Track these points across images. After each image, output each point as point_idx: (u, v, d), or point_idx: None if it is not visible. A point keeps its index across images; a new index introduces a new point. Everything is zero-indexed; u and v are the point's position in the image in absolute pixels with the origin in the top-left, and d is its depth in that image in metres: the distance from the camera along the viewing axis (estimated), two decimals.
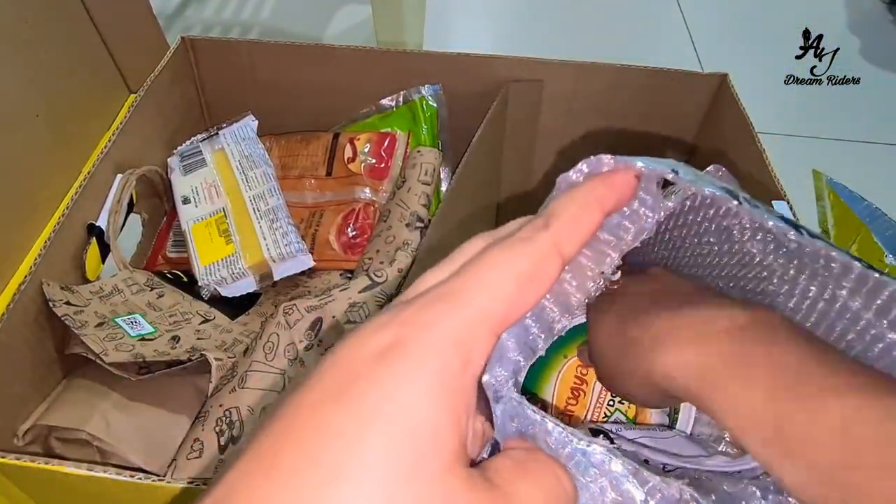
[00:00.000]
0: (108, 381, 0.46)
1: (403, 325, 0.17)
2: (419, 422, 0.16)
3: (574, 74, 0.61)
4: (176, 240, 0.60)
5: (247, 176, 0.58)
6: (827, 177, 0.94)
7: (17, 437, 0.45)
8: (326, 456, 0.15)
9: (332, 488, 0.15)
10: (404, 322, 0.17)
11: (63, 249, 0.49)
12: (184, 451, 0.42)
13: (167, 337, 0.48)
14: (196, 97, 0.66)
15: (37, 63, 0.50)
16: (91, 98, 0.56)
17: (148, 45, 0.61)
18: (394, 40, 0.94)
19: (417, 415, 0.16)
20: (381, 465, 0.15)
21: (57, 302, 0.45)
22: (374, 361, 0.16)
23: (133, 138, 0.56)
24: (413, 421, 0.16)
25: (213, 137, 0.62)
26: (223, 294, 0.53)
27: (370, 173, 0.61)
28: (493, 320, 0.17)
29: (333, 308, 0.47)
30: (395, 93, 0.64)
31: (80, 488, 0.38)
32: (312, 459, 0.15)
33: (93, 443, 0.44)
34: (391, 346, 0.16)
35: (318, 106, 0.65)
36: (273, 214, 0.55)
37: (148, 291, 0.53)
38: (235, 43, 0.64)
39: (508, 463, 0.19)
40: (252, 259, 0.53)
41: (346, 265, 0.57)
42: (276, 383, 0.44)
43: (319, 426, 0.16)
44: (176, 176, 0.60)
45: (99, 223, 0.52)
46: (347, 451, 0.15)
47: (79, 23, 0.54)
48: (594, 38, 1.17)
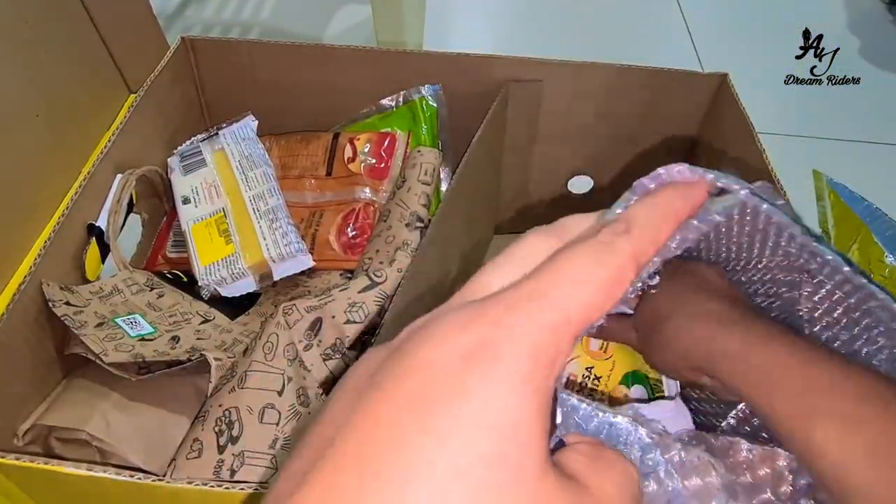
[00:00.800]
0: (107, 382, 0.46)
1: (491, 325, 0.16)
2: (514, 426, 0.15)
3: (574, 74, 0.61)
4: (176, 240, 0.60)
5: (247, 176, 0.58)
6: (827, 177, 0.93)
7: (17, 437, 0.45)
8: (423, 462, 0.15)
9: (435, 496, 0.14)
10: (491, 322, 0.16)
11: (63, 249, 0.49)
12: (183, 450, 0.42)
13: (167, 337, 0.48)
14: (196, 97, 0.66)
15: (37, 63, 0.50)
16: (91, 98, 0.55)
17: (148, 46, 0.61)
18: (394, 40, 0.94)
19: (511, 418, 0.15)
20: (480, 469, 0.15)
21: (57, 302, 0.45)
22: (461, 363, 0.16)
23: (133, 138, 0.56)
24: (508, 425, 0.15)
25: (213, 137, 0.62)
26: (223, 294, 0.53)
27: (370, 173, 0.61)
28: (576, 326, 0.17)
29: (333, 308, 0.47)
30: (395, 93, 0.64)
31: (79, 488, 0.38)
32: (410, 466, 0.15)
33: (92, 443, 0.44)
34: (479, 348, 0.16)
35: (318, 106, 0.65)
36: (273, 214, 0.55)
37: (148, 291, 0.53)
38: (235, 43, 0.64)
39: (581, 458, 0.18)
40: (252, 259, 0.53)
41: (345, 265, 0.57)
42: (276, 383, 0.44)
43: (407, 432, 0.15)
44: (176, 176, 0.60)
45: (99, 223, 0.52)
46: (444, 456, 0.15)
47: (79, 23, 0.54)
48: (594, 38, 1.17)
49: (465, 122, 0.61)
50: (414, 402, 0.15)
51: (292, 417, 0.43)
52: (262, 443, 0.41)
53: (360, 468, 0.15)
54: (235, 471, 0.40)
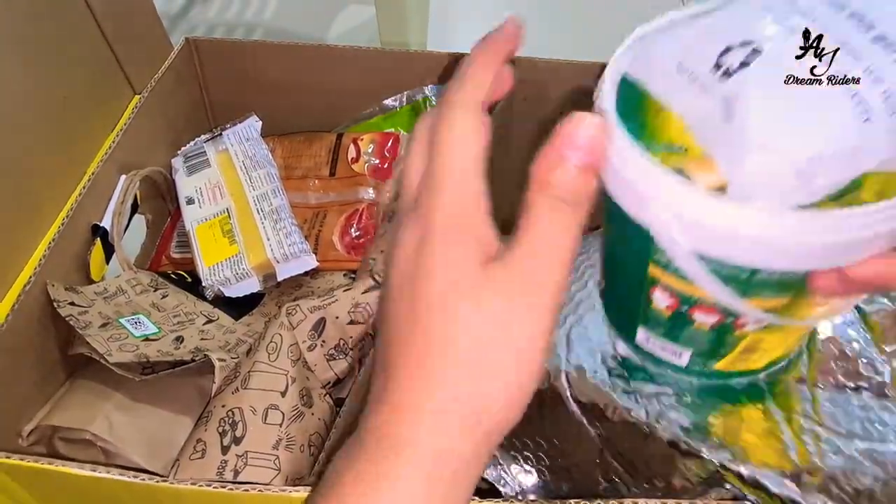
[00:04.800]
0: (111, 382, 0.46)
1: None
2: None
3: (578, 74, 0.61)
4: (180, 240, 0.61)
5: (250, 176, 0.58)
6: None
7: (22, 438, 0.45)
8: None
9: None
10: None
11: (67, 250, 0.49)
12: (186, 451, 0.42)
13: (171, 337, 0.48)
14: (200, 98, 0.66)
15: (41, 64, 0.50)
16: (95, 99, 0.56)
17: (152, 46, 0.61)
18: (397, 40, 0.94)
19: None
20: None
21: (61, 302, 0.45)
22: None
23: (137, 139, 0.56)
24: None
25: (217, 138, 0.62)
26: (227, 294, 0.53)
27: (374, 173, 0.61)
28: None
29: (336, 308, 0.47)
30: (398, 93, 0.64)
31: (83, 488, 0.38)
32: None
33: (97, 443, 0.44)
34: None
35: (322, 106, 0.65)
36: (276, 215, 0.55)
37: (152, 292, 0.53)
38: (239, 44, 0.64)
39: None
40: (256, 259, 0.53)
41: (349, 265, 0.57)
42: (279, 384, 0.44)
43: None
44: (180, 177, 0.60)
45: (103, 224, 0.52)
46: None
47: (83, 24, 0.54)
48: (597, 38, 1.17)
49: None
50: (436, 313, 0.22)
51: (295, 418, 0.43)
52: (266, 443, 0.41)
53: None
54: (239, 471, 0.40)
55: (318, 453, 0.43)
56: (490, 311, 0.22)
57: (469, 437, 0.21)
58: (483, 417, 0.21)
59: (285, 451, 0.42)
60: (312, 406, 0.45)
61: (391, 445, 0.21)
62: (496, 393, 0.21)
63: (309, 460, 0.43)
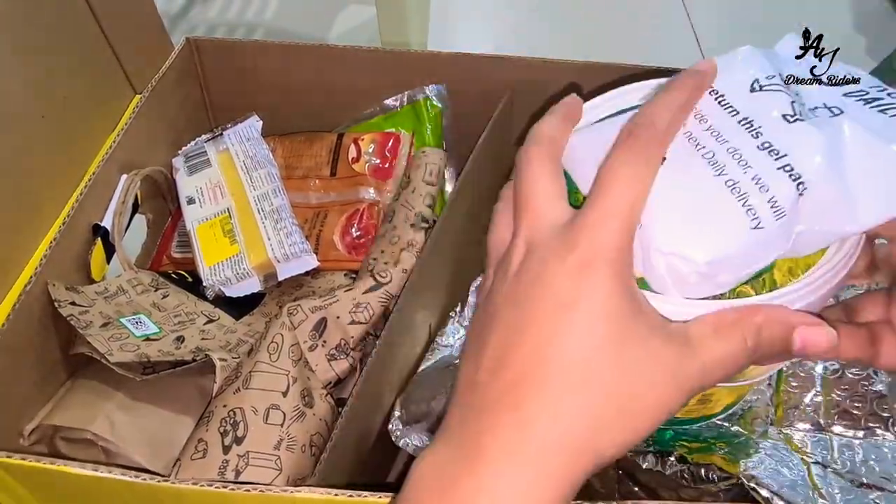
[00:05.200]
0: (112, 382, 0.46)
1: (584, 247, 0.23)
2: (613, 308, 0.23)
3: (579, 74, 0.61)
4: (180, 240, 0.61)
5: (251, 176, 0.58)
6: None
7: (23, 437, 0.45)
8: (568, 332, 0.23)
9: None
10: (584, 245, 0.23)
11: (68, 250, 0.49)
12: (188, 451, 0.42)
13: (172, 337, 0.48)
14: (200, 98, 0.66)
15: (41, 64, 0.50)
16: (96, 99, 0.56)
17: (153, 46, 0.61)
18: (398, 40, 0.94)
19: (611, 304, 0.23)
20: (602, 336, 0.22)
21: (62, 302, 0.45)
22: (574, 279, 0.23)
23: (138, 139, 0.56)
24: (610, 308, 0.23)
25: (218, 138, 0.62)
26: (228, 294, 0.53)
27: (374, 173, 0.61)
28: (635, 215, 0.24)
29: (338, 308, 0.47)
30: (399, 93, 0.64)
31: (84, 488, 0.38)
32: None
33: (98, 443, 0.44)
34: (581, 266, 0.23)
35: (323, 106, 0.65)
36: (277, 215, 0.55)
37: (153, 292, 0.53)
38: (240, 44, 0.64)
39: (705, 326, 0.24)
40: (256, 259, 0.53)
41: (350, 265, 0.57)
42: (281, 384, 0.44)
43: (553, 326, 0.23)
44: (180, 176, 0.60)
45: (104, 224, 0.52)
46: (579, 331, 0.22)
47: (83, 24, 0.54)
48: (599, 38, 1.17)
49: (469, 122, 0.61)
50: (551, 309, 0.23)
51: (297, 418, 0.43)
52: (267, 443, 0.41)
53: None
54: (240, 471, 0.40)
55: (320, 454, 0.43)
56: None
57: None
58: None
59: (287, 451, 0.42)
60: (314, 406, 0.45)
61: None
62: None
63: (310, 461, 0.43)
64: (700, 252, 0.24)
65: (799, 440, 0.41)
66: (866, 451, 0.41)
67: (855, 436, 0.41)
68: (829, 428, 0.42)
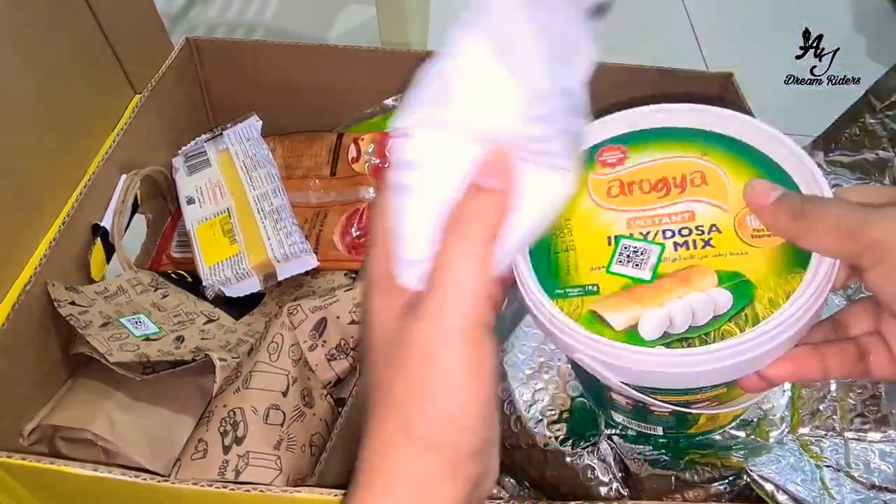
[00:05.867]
0: (112, 382, 0.46)
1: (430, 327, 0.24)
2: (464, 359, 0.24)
3: None
4: (180, 240, 0.60)
5: (251, 176, 0.58)
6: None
7: (23, 437, 0.45)
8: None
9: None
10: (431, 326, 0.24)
11: (68, 250, 0.49)
12: (188, 451, 0.42)
13: (172, 337, 0.48)
14: (200, 98, 0.66)
15: (42, 64, 0.50)
16: (96, 99, 0.56)
17: (152, 46, 0.61)
18: (397, 40, 0.94)
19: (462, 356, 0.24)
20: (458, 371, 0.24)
21: (62, 302, 0.45)
22: (430, 346, 0.24)
23: (138, 139, 0.56)
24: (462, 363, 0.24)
25: (218, 138, 0.62)
26: (227, 294, 0.53)
27: (374, 173, 0.60)
28: (482, 297, 0.24)
29: (338, 308, 0.47)
30: (399, 93, 0.64)
31: (84, 488, 0.38)
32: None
33: (97, 443, 0.44)
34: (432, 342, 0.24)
35: (322, 106, 0.65)
36: (277, 214, 0.55)
37: (152, 291, 0.53)
38: (240, 43, 0.64)
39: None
40: (256, 259, 0.53)
41: (350, 265, 0.57)
42: (281, 384, 0.44)
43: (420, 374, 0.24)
44: (180, 176, 0.60)
45: (104, 223, 0.52)
46: (441, 372, 0.24)
47: (84, 24, 0.54)
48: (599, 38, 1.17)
49: None
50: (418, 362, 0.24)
51: (297, 418, 0.43)
52: (267, 443, 0.41)
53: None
54: (240, 471, 0.40)
55: (320, 453, 0.43)
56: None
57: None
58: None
59: (287, 451, 0.42)
60: (314, 406, 0.45)
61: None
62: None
63: (310, 460, 0.43)
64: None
65: (814, 445, 0.41)
66: (880, 453, 0.41)
67: (870, 438, 0.41)
68: (844, 432, 0.42)
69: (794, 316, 0.27)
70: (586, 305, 0.29)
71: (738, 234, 0.29)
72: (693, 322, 0.28)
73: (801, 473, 0.40)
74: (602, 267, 0.30)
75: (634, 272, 0.30)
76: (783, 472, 0.39)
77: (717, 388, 0.32)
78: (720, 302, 0.28)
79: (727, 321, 0.28)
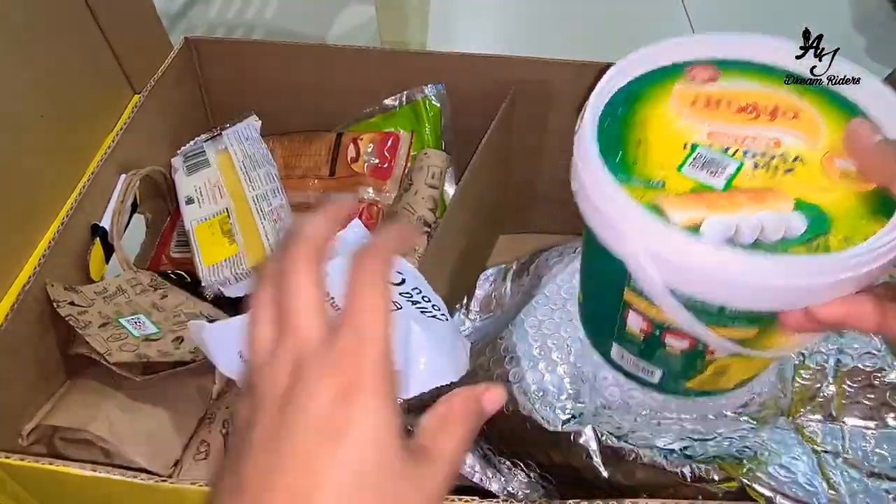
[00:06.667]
0: (112, 382, 0.46)
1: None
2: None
3: (580, 74, 0.60)
4: (179, 240, 0.60)
5: (250, 176, 0.58)
6: None
7: (22, 438, 0.45)
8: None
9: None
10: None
11: (67, 250, 0.49)
12: (191, 451, 0.42)
13: (171, 337, 0.48)
14: (200, 98, 0.66)
15: (41, 64, 0.50)
16: (95, 99, 0.56)
17: (152, 46, 0.61)
18: (397, 40, 0.94)
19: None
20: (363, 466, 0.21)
21: (61, 302, 0.45)
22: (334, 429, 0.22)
23: (137, 139, 0.56)
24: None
25: (217, 138, 0.62)
26: (227, 294, 0.53)
27: (373, 173, 0.60)
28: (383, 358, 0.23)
29: None
30: (398, 93, 0.64)
31: (83, 488, 0.38)
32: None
33: (97, 443, 0.44)
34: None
35: (322, 106, 0.65)
36: (276, 215, 0.55)
37: (152, 292, 0.53)
38: (239, 44, 0.64)
39: (431, 424, 0.24)
40: (255, 259, 0.53)
41: None
42: None
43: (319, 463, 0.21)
44: (179, 176, 0.60)
45: (103, 224, 0.52)
46: (340, 468, 0.21)
47: (83, 24, 0.54)
48: (599, 38, 1.17)
49: (469, 122, 0.61)
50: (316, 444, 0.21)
51: None
52: None
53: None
54: None
55: None
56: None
57: None
58: None
59: None
60: None
61: None
62: None
63: None
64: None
65: (811, 431, 0.41)
66: (878, 440, 0.40)
67: (867, 426, 0.41)
68: (841, 418, 0.41)
69: (868, 255, 0.25)
70: (648, 197, 0.27)
71: (824, 170, 0.28)
72: (761, 237, 0.26)
73: (799, 462, 0.39)
74: (673, 166, 0.29)
75: (707, 179, 0.28)
76: (780, 472, 0.39)
77: (756, 321, 0.30)
78: (793, 224, 0.27)
79: (797, 245, 0.26)
